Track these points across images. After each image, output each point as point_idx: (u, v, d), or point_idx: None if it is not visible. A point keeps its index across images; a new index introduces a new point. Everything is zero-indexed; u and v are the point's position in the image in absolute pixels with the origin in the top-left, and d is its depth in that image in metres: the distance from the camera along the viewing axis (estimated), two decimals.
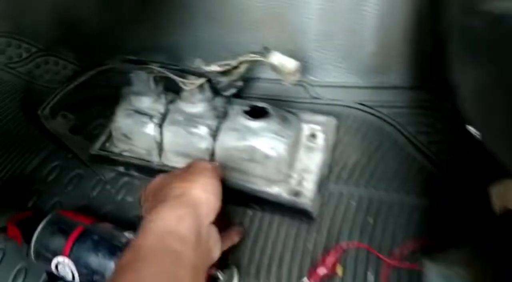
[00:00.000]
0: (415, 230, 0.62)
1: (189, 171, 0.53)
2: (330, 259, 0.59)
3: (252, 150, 0.62)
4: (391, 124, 0.75)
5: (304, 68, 0.80)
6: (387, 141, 0.73)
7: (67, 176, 0.76)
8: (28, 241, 0.60)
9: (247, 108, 0.65)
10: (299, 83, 0.81)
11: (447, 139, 0.72)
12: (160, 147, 0.69)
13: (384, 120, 0.75)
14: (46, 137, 0.79)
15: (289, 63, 0.60)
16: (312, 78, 0.80)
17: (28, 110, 0.81)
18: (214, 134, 0.66)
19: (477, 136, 0.71)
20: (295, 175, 0.67)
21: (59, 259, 0.57)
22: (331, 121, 0.72)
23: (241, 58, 0.64)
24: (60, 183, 0.75)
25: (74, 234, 0.57)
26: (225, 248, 0.54)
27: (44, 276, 0.61)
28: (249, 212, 0.67)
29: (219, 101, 0.69)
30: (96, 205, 0.71)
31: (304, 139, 0.71)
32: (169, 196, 0.48)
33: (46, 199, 0.73)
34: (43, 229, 0.59)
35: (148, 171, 0.71)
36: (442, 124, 0.73)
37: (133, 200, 0.71)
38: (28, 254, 0.59)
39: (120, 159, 0.72)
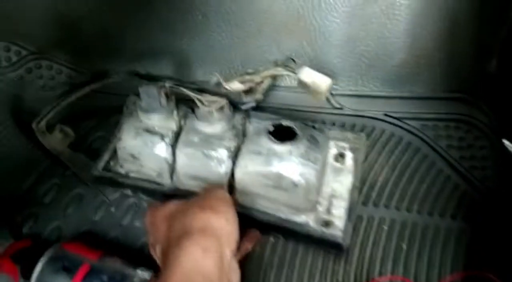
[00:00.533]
0: (453, 257, 0.58)
1: (207, 198, 0.50)
2: None
3: (278, 176, 0.56)
4: (420, 138, 0.69)
5: (326, 75, 0.73)
6: (417, 156, 0.68)
7: (66, 196, 0.69)
8: (26, 277, 0.53)
9: (270, 128, 0.59)
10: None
11: (481, 154, 0.67)
12: (172, 169, 0.62)
13: (413, 133, 0.70)
14: (42, 152, 0.71)
15: (322, 82, 0.53)
16: (334, 86, 0.74)
17: (20, 121, 0.73)
18: (234, 156, 0.59)
19: None
20: (323, 201, 0.61)
21: None
22: (361, 138, 0.65)
23: (266, 73, 0.58)
24: (59, 205, 0.68)
25: (80, 274, 0.51)
26: (239, 258, 0.52)
27: None
28: (271, 239, 0.61)
29: (238, 119, 0.62)
30: (100, 231, 0.65)
31: (331, 159, 0.65)
32: (192, 228, 0.45)
33: (44, 224, 0.66)
34: (44, 266, 0.53)
35: (159, 195, 0.64)
36: (475, 139, 0.69)
37: (141, 225, 0.64)
38: None
39: (127, 181, 0.65)
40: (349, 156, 0.65)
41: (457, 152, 0.67)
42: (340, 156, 0.65)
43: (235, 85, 0.60)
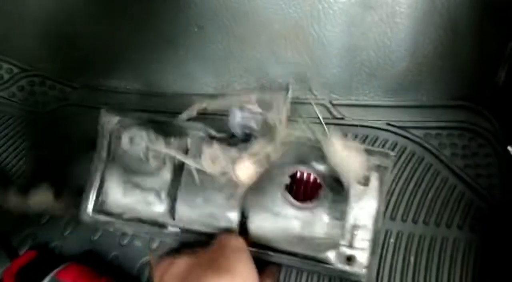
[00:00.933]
0: (462, 268, 0.57)
1: (221, 255, 0.46)
2: None
3: (301, 237, 0.52)
4: (424, 147, 0.68)
5: (326, 86, 0.72)
6: (421, 166, 0.67)
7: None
8: None
9: (286, 180, 0.53)
10: (320, 102, 0.73)
11: (485, 162, 0.66)
12: (172, 213, 0.56)
13: (416, 142, 0.69)
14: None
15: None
16: (334, 96, 0.72)
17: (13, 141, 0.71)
18: (242, 206, 0.54)
19: None
20: (346, 234, 0.54)
21: None
22: (388, 156, 0.56)
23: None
24: (57, 225, 0.66)
25: None
26: None
27: None
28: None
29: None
30: (100, 250, 0.63)
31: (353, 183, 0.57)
32: None
33: (43, 245, 0.64)
34: None
35: (164, 236, 0.58)
36: (479, 146, 0.68)
37: (141, 245, 0.63)
38: None
39: (124, 227, 0.58)
40: (374, 176, 0.56)
41: (461, 160, 0.66)
42: (364, 178, 0.56)
43: (246, 171, 0.52)
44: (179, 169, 0.55)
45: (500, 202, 0.62)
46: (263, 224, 0.53)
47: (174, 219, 0.55)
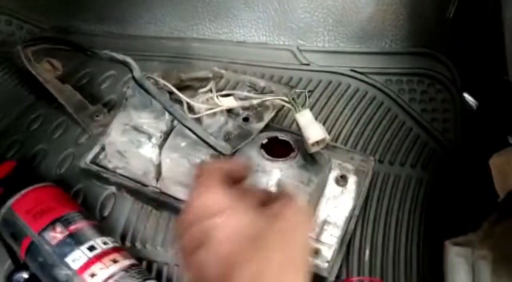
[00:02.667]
0: (411, 204, 0.60)
1: (293, 229, 0.33)
2: None
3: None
4: (384, 92, 0.70)
5: (293, 31, 0.73)
6: (380, 110, 0.69)
7: (51, 124, 0.69)
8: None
9: (264, 141, 0.53)
10: (287, 48, 0.75)
11: (442, 107, 0.69)
12: (158, 170, 0.58)
13: (377, 87, 0.71)
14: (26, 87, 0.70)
15: (312, 134, 0.48)
16: (301, 42, 0.74)
17: None
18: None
19: (473, 104, 0.69)
20: (314, 227, 0.55)
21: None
22: (369, 161, 0.59)
23: (267, 98, 0.54)
24: (44, 132, 0.68)
25: (23, 247, 0.50)
26: None
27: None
28: None
29: (231, 125, 0.57)
30: (66, 182, 0.64)
31: (331, 181, 0.59)
32: None
33: (29, 148, 0.66)
34: (1, 226, 0.52)
35: (143, 197, 0.60)
36: (436, 92, 0.70)
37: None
38: None
39: (113, 178, 0.60)
40: (352, 179, 0.58)
41: (419, 105, 0.69)
42: (342, 178, 0.58)
43: (229, 102, 0.55)
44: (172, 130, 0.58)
45: (452, 144, 0.65)
46: None
47: (160, 168, 0.57)
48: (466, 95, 0.68)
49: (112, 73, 0.77)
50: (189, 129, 0.51)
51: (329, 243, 0.54)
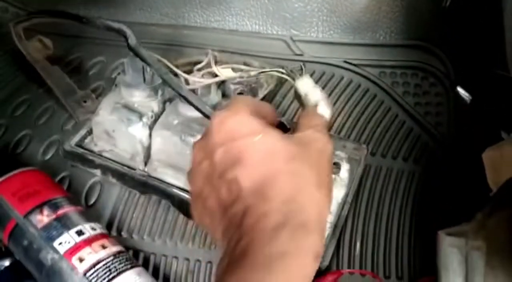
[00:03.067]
0: (403, 196, 0.59)
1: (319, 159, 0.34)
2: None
3: None
4: (378, 85, 0.70)
5: (287, 21, 0.72)
6: (373, 102, 0.68)
7: (38, 109, 0.67)
8: None
9: None
10: (280, 38, 0.74)
11: (436, 101, 0.68)
12: (147, 153, 0.57)
13: (370, 80, 0.70)
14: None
15: (313, 98, 0.45)
16: (294, 32, 0.73)
17: None
18: None
19: (467, 98, 0.68)
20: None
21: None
22: (361, 149, 0.58)
23: (265, 70, 0.52)
24: (30, 117, 0.67)
25: (7, 230, 0.49)
26: None
27: None
28: None
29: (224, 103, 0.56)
30: (50, 169, 0.62)
31: None
32: (260, 232, 0.29)
33: (13, 134, 0.65)
34: None
35: (130, 181, 0.58)
36: (430, 85, 0.70)
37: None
38: None
39: (98, 160, 0.58)
40: (345, 167, 0.57)
41: (412, 98, 0.69)
42: (335, 166, 0.57)
43: (227, 72, 0.53)
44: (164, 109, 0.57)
45: (445, 138, 0.64)
46: None
47: (149, 150, 0.56)
48: (459, 89, 0.68)
49: (101, 59, 0.75)
50: (184, 98, 0.47)
51: None
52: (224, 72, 0.55)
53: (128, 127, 0.55)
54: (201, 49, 0.72)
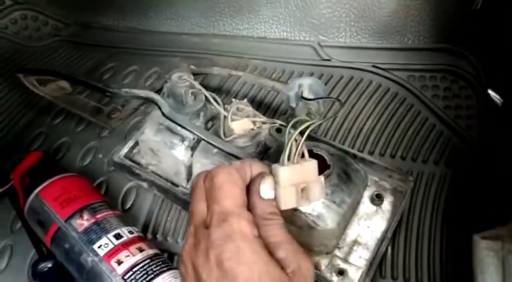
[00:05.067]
0: (434, 201, 0.59)
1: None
2: None
3: (291, 211, 0.47)
4: (407, 88, 0.70)
5: (314, 27, 0.73)
6: (403, 106, 0.68)
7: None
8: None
9: None
10: (308, 44, 0.74)
11: (466, 104, 0.68)
12: (189, 172, 0.58)
13: (399, 84, 0.70)
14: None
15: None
16: (322, 38, 0.74)
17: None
18: None
19: (498, 101, 0.68)
20: (344, 246, 0.52)
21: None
22: (407, 181, 0.55)
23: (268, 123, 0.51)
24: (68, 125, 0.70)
25: (50, 234, 0.51)
26: None
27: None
28: None
29: (264, 134, 0.55)
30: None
31: (366, 199, 0.55)
32: None
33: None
34: (27, 215, 0.54)
35: (172, 196, 0.59)
36: (460, 89, 0.69)
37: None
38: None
39: (144, 174, 0.60)
40: (388, 199, 0.55)
41: (442, 101, 0.68)
42: (378, 197, 0.54)
43: (245, 124, 0.50)
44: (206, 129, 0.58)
45: (476, 141, 0.64)
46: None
47: (190, 170, 0.57)
48: (490, 91, 0.67)
49: (135, 68, 0.78)
50: (228, 153, 0.49)
51: (358, 265, 0.51)
52: (240, 125, 0.52)
53: (171, 150, 0.56)
54: (230, 57, 0.74)
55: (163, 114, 0.52)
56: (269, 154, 0.53)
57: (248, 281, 0.31)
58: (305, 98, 0.51)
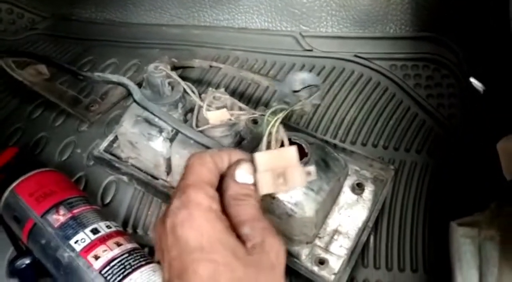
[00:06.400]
0: (416, 188, 0.59)
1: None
2: None
3: (270, 199, 0.47)
4: (389, 78, 0.69)
5: (295, 17, 0.72)
6: (385, 95, 0.68)
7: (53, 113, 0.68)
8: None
9: None
10: (289, 34, 0.74)
11: (448, 92, 0.68)
12: (168, 164, 0.56)
13: (381, 73, 0.70)
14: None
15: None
16: (304, 28, 0.73)
17: None
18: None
19: (480, 89, 0.68)
20: (324, 236, 0.52)
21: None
22: (388, 170, 0.55)
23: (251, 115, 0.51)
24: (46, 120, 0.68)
25: (26, 229, 0.50)
26: None
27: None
28: None
29: (240, 125, 0.54)
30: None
31: (347, 188, 0.55)
32: None
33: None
34: (2, 211, 0.52)
35: (152, 190, 0.58)
36: (442, 77, 0.69)
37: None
38: None
39: (124, 168, 0.59)
40: (369, 188, 0.55)
41: (424, 90, 0.68)
42: (358, 186, 0.55)
43: (222, 115, 0.49)
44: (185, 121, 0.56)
45: (458, 130, 0.64)
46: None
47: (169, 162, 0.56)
48: (472, 80, 0.67)
49: (114, 61, 0.76)
50: (202, 145, 0.49)
51: (338, 254, 0.51)
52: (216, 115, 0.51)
53: (149, 142, 0.55)
54: (211, 48, 0.73)
55: (134, 100, 0.51)
56: (243, 144, 0.52)
57: (198, 246, 0.30)
58: (295, 91, 0.50)
